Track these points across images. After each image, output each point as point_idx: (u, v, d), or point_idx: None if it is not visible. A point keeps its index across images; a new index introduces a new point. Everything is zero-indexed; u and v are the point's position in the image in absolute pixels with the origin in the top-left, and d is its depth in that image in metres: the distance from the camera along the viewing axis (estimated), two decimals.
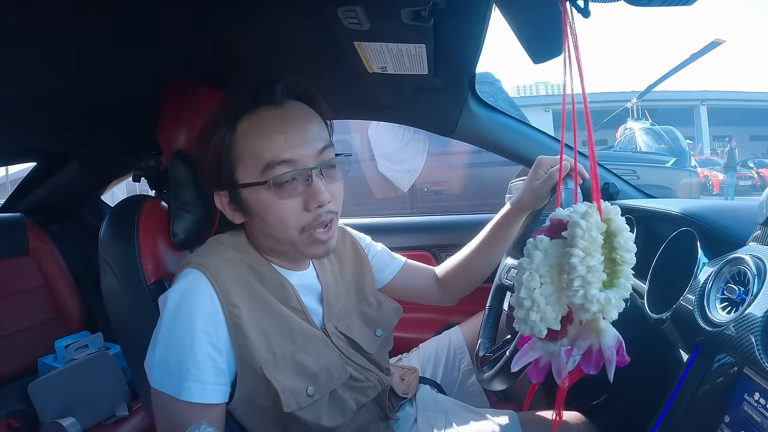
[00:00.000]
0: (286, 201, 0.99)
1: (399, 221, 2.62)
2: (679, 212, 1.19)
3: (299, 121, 1.01)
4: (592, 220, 0.59)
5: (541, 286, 0.63)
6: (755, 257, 0.92)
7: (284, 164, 0.97)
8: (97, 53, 1.20)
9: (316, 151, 1.00)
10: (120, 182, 2.58)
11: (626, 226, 0.61)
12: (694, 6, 0.56)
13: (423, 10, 0.96)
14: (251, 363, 0.99)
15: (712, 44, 14.14)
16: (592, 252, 0.59)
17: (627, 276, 0.60)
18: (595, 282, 0.59)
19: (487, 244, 1.40)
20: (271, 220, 1.01)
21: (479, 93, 1.67)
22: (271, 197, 0.98)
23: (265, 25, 1.15)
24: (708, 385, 0.89)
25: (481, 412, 1.30)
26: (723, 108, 21.34)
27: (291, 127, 0.99)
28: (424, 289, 1.46)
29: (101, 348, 2.12)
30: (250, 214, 1.04)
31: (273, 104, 1.01)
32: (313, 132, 1.01)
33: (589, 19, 0.56)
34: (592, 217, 0.59)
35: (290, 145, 0.97)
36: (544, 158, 1.31)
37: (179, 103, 1.25)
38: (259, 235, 1.07)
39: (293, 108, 1.02)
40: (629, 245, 0.60)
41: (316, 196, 0.98)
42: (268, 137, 0.98)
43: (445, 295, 1.47)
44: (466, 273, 1.43)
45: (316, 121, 1.04)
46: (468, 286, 1.45)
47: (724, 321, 0.88)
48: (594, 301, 0.58)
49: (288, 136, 0.98)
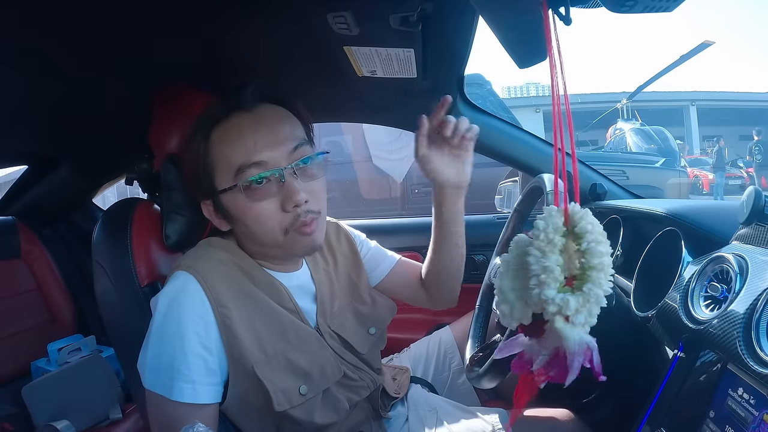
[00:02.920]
0: (261, 203, 0.99)
1: (390, 222, 2.63)
2: (663, 212, 1.21)
3: (269, 123, 1.01)
4: (551, 221, 0.60)
5: (514, 281, 0.64)
6: (737, 256, 0.94)
7: (255, 167, 0.98)
8: (87, 59, 1.21)
9: (288, 151, 1.00)
10: (111, 185, 2.57)
11: (595, 230, 0.59)
12: (682, 9, 0.57)
13: (411, 16, 0.98)
14: (243, 363, 0.99)
15: (702, 46, 14.21)
16: (548, 253, 0.59)
17: (596, 282, 0.58)
18: (550, 283, 0.59)
19: (437, 234, 1.29)
20: (251, 223, 1.02)
21: (468, 95, 1.68)
22: (247, 201, 0.99)
23: (255, 31, 1.16)
24: (693, 381, 0.91)
25: (471, 410, 1.31)
26: (713, 108, 21.38)
27: (260, 129, 1.00)
28: (413, 290, 1.43)
29: (94, 351, 2.12)
30: (232, 220, 1.05)
31: (243, 109, 1.02)
32: (284, 132, 1.02)
33: (575, 22, 0.57)
34: (552, 218, 0.60)
35: (260, 148, 0.98)
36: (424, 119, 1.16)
37: (171, 107, 1.26)
38: (246, 240, 1.08)
39: (264, 111, 1.03)
40: (596, 250, 0.59)
41: (291, 195, 0.98)
42: (238, 142, 0.99)
43: (429, 297, 1.42)
44: (436, 272, 1.35)
45: (288, 122, 1.05)
46: (448, 287, 1.37)
47: (707, 318, 0.90)
48: (549, 302, 0.58)
49: (257, 138, 0.98)
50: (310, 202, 1.01)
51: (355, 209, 6.10)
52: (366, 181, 6.26)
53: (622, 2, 0.54)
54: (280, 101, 1.07)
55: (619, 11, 0.56)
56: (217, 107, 1.04)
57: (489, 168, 5.16)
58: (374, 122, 1.98)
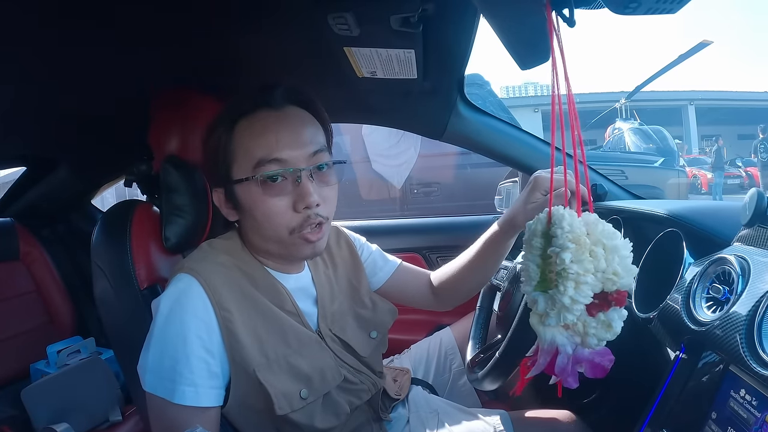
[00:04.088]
0: (274, 199, 1.00)
1: (389, 223, 2.63)
2: (665, 213, 1.21)
3: (293, 124, 1.02)
4: (532, 225, 0.65)
5: None
6: (739, 257, 0.93)
7: (274, 163, 0.99)
8: (87, 60, 1.20)
9: (308, 154, 1.02)
10: (110, 187, 2.57)
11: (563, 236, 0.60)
12: (682, 10, 0.57)
13: (412, 17, 0.98)
14: (244, 366, 0.99)
15: (700, 45, 14.21)
16: (527, 254, 0.65)
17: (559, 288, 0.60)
18: (529, 280, 0.64)
19: (479, 259, 1.32)
20: (260, 217, 1.02)
21: (468, 96, 1.68)
22: (261, 194, 1.00)
23: (255, 32, 1.16)
24: (695, 383, 0.91)
25: (472, 411, 1.31)
26: (711, 107, 21.42)
27: (284, 128, 1.01)
28: (417, 294, 1.43)
29: (93, 353, 2.12)
30: (242, 210, 1.06)
31: (271, 107, 1.03)
32: (306, 135, 1.03)
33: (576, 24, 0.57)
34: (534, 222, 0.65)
35: (282, 146, 0.99)
36: (542, 179, 1.16)
37: (171, 109, 1.26)
38: (251, 233, 1.09)
39: (290, 112, 1.04)
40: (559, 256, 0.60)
41: (304, 197, 0.99)
42: (261, 137, 1.00)
43: (438, 302, 1.43)
44: (459, 286, 1.37)
45: (312, 126, 1.06)
46: (461, 297, 1.40)
47: (709, 320, 0.90)
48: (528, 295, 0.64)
49: (280, 136, 0.99)
50: (321, 207, 1.02)
51: (354, 210, 6.09)
52: (365, 182, 6.24)
53: (625, 4, 0.53)
54: (306, 105, 1.08)
55: (623, 13, 0.56)
56: (245, 100, 1.04)
57: (489, 168, 5.17)
58: (374, 123, 1.98)
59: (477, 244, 1.32)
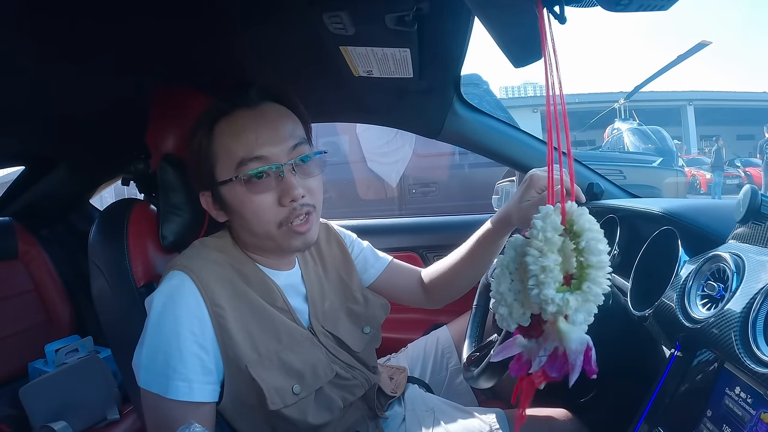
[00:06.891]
0: (260, 196, 1.02)
1: (387, 222, 2.63)
2: (660, 211, 1.21)
3: (271, 120, 1.04)
4: (549, 220, 0.59)
5: (512, 283, 0.64)
6: (734, 255, 0.93)
7: (256, 161, 1.01)
8: (86, 60, 1.21)
9: (289, 148, 1.03)
10: (109, 186, 2.57)
11: (593, 228, 0.59)
12: (679, 9, 0.57)
13: (407, 15, 0.98)
14: (237, 362, 1.00)
15: (699, 45, 14.22)
16: (547, 252, 0.59)
17: (595, 281, 0.58)
18: (549, 282, 0.58)
19: (472, 257, 1.34)
20: (248, 215, 1.04)
21: (465, 95, 1.68)
22: (246, 193, 1.02)
23: (251, 31, 1.16)
24: (690, 380, 0.91)
25: (469, 410, 1.31)
26: (710, 108, 21.44)
27: (262, 125, 1.03)
28: (408, 291, 1.44)
29: (92, 352, 2.11)
30: (229, 211, 1.07)
31: (248, 106, 1.04)
32: (285, 130, 1.05)
33: (572, 22, 0.57)
34: (550, 217, 0.59)
35: (261, 143, 1.01)
36: (538, 177, 1.18)
37: (168, 107, 1.26)
38: (241, 231, 1.10)
39: (267, 108, 1.06)
40: (595, 248, 0.58)
41: (288, 191, 1.01)
42: (242, 136, 1.02)
43: (429, 299, 1.44)
44: (451, 282, 1.39)
45: (290, 120, 1.08)
46: (453, 294, 1.42)
47: (704, 317, 0.90)
48: (549, 301, 0.58)
49: (259, 133, 1.01)
50: (306, 198, 1.04)
51: (352, 210, 6.09)
52: (363, 182, 6.24)
53: (616, 1, 0.54)
54: (282, 100, 1.09)
55: (614, 10, 0.56)
56: (222, 102, 1.06)
57: (486, 168, 5.17)
58: (371, 122, 1.98)
59: (469, 242, 1.33)
